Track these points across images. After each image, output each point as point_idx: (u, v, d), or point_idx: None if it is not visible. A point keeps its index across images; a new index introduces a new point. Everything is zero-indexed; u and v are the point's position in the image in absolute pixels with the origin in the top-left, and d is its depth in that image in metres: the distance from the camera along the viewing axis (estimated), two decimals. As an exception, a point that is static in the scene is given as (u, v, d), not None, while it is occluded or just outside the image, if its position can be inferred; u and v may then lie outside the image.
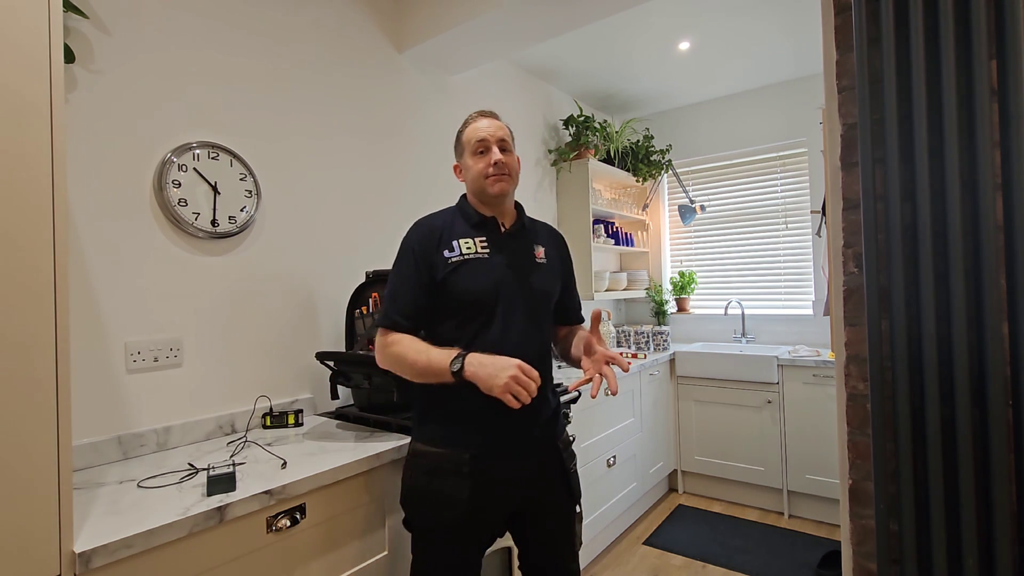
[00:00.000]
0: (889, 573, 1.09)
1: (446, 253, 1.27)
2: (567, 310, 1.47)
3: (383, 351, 1.27)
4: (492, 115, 1.36)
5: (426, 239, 1.29)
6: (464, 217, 1.34)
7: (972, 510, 1.00)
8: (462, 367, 1.15)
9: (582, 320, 1.53)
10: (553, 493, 1.32)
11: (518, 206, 1.41)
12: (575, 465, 1.37)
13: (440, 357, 1.18)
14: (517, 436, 1.25)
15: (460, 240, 1.29)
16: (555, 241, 1.46)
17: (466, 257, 1.27)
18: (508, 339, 1.24)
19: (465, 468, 1.21)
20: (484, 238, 1.31)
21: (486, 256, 1.28)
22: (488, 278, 1.26)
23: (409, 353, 1.22)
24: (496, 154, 1.29)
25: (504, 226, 1.35)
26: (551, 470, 1.32)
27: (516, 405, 1.10)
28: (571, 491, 1.34)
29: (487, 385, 1.12)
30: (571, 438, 1.37)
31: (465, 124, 1.36)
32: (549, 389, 1.35)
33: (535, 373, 1.12)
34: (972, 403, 1.01)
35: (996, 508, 0.98)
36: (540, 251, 1.38)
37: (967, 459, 1.00)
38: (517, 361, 1.13)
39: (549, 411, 1.33)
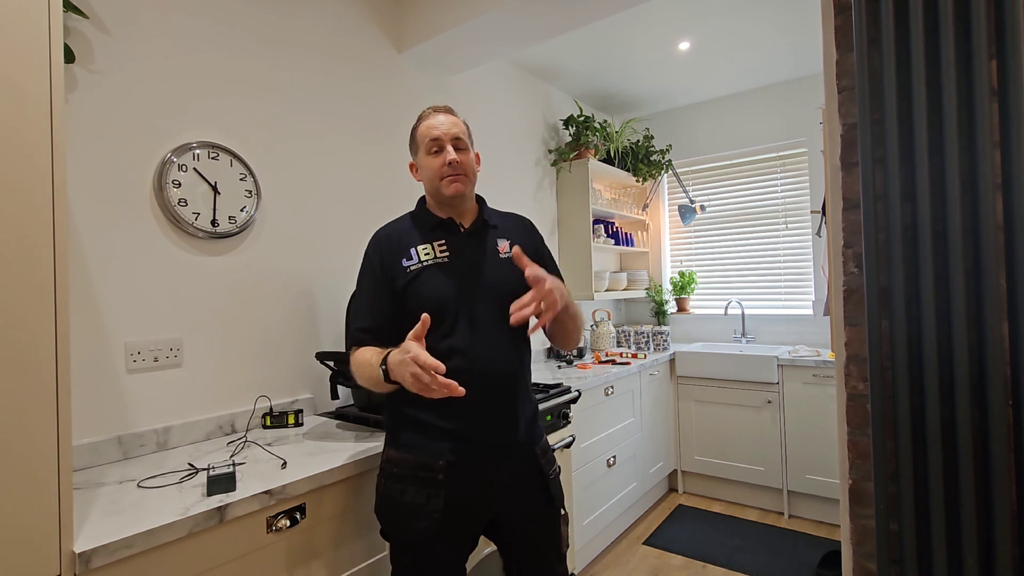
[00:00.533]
0: (889, 573, 1.09)
1: (404, 262, 1.24)
2: None
3: (351, 368, 1.25)
4: (447, 110, 1.30)
5: (384, 250, 1.27)
6: (421, 222, 1.30)
7: (972, 510, 1.00)
8: (386, 372, 1.11)
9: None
10: (532, 501, 1.26)
11: (480, 200, 1.36)
12: (555, 472, 1.31)
13: (378, 363, 1.13)
14: (493, 442, 1.21)
15: (418, 247, 1.25)
16: (523, 231, 1.38)
17: (424, 264, 1.23)
18: (475, 342, 1.19)
19: (439, 476, 1.16)
20: (443, 241, 1.26)
21: (445, 260, 1.24)
22: (447, 283, 1.22)
23: (361, 366, 1.20)
24: (451, 153, 1.24)
25: (463, 226, 1.30)
26: (529, 478, 1.25)
27: (431, 395, 1.02)
28: (551, 498, 1.28)
29: (406, 385, 1.06)
30: (571, 438, 1.36)
31: (419, 121, 1.30)
32: (526, 393, 1.29)
33: (430, 361, 1.01)
34: (972, 403, 1.01)
35: (996, 508, 0.98)
36: (504, 245, 1.31)
37: (967, 459, 1.00)
38: (412, 354, 1.02)
39: (527, 416, 1.28)
